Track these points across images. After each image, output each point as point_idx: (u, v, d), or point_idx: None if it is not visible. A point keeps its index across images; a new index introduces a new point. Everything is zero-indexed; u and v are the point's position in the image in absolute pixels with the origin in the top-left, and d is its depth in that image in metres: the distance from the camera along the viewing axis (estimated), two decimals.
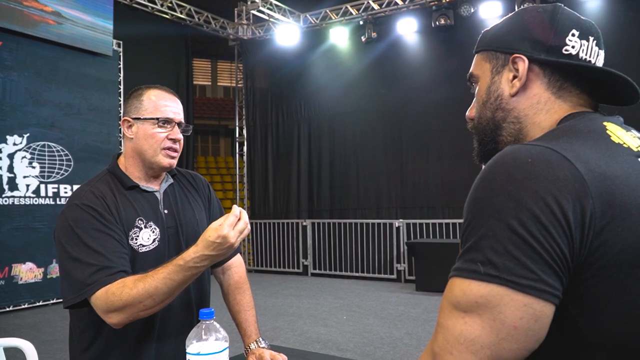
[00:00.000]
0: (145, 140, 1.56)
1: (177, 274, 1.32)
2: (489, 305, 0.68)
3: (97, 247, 1.42)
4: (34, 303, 6.98)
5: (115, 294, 1.34)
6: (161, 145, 1.55)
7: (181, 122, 1.60)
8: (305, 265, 9.79)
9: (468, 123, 0.99)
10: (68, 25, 7.46)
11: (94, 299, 1.37)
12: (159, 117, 1.55)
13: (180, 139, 1.59)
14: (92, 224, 1.45)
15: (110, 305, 1.35)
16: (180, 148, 1.61)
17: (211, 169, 16.66)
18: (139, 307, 1.34)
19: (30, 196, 7.06)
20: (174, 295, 1.37)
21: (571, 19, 0.87)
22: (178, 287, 1.34)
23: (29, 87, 7.11)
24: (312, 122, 10.29)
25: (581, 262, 0.69)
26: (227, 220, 1.29)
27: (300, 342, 5.06)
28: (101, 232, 1.44)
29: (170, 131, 1.56)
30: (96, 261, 1.39)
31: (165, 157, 1.57)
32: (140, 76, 8.54)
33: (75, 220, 1.46)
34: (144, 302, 1.33)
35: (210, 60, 19.01)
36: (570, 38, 0.85)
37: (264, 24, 10.54)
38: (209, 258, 1.31)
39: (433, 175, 8.82)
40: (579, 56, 0.85)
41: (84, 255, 1.40)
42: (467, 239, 0.72)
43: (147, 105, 1.56)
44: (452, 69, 8.44)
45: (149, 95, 1.58)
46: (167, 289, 1.33)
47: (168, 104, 1.58)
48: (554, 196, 0.67)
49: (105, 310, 1.36)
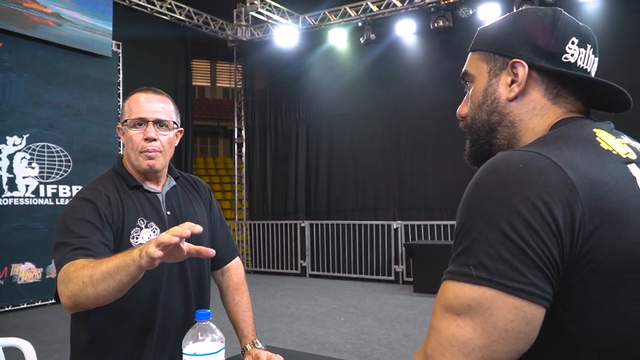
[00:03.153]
0: (127, 144, 1.59)
1: (120, 254, 1.23)
2: (481, 308, 0.69)
3: (80, 231, 1.42)
4: (32, 303, 6.99)
5: (76, 264, 1.31)
6: (138, 148, 1.56)
7: (159, 120, 1.57)
8: (303, 267, 9.80)
9: (459, 121, 1.00)
10: (67, 27, 7.47)
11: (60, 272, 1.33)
12: (127, 118, 1.56)
13: (155, 138, 1.56)
14: (84, 215, 1.46)
15: (64, 277, 1.30)
16: (161, 146, 1.57)
17: (210, 170, 16.65)
18: (78, 284, 1.25)
19: (30, 196, 7.08)
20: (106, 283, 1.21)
21: (571, 25, 0.87)
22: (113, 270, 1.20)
23: (28, 88, 7.12)
24: (311, 124, 10.30)
25: (571, 266, 0.70)
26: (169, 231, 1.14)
27: (298, 344, 5.08)
28: (89, 223, 1.45)
29: (144, 131, 1.56)
30: (75, 242, 1.39)
31: (144, 159, 1.57)
32: (140, 77, 8.55)
33: (70, 210, 1.50)
34: (84, 277, 1.24)
35: (209, 61, 19.01)
36: (570, 46, 0.86)
37: (262, 25, 10.56)
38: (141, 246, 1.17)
39: (431, 177, 8.83)
40: (577, 64, 0.86)
41: (66, 239, 1.41)
42: (459, 243, 0.74)
43: (126, 109, 1.59)
44: (451, 71, 8.38)
45: (131, 99, 1.60)
46: (105, 267, 1.22)
47: (144, 104, 1.57)
48: (544, 201, 0.69)
49: (59, 282, 1.32)
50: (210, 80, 19.84)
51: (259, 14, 9.59)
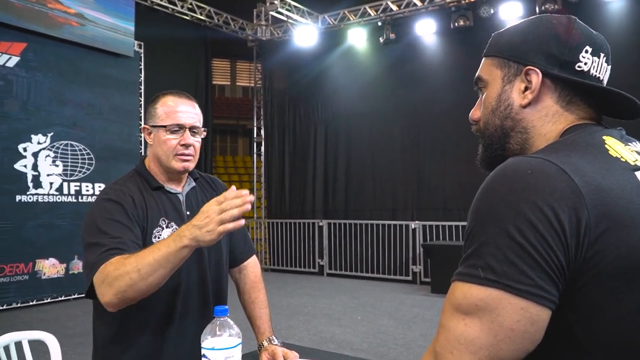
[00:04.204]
0: (160, 146, 1.63)
1: (164, 242, 1.31)
2: (488, 308, 0.72)
3: (112, 232, 1.46)
4: (56, 298, 7.15)
5: (113, 263, 1.34)
6: (173, 151, 1.62)
7: (194, 126, 1.64)
8: (321, 265, 9.83)
9: (472, 125, 1.02)
10: (90, 27, 7.61)
11: (96, 274, 1.36)
12: (167, 124, 1.61)
13: (192, 144, 1.63)
14: (113, 215, 1.50)
15: (105, 277, 1.33)
16: (195, 151, 1.66)
17: (229, 169, 16.79)
18: (125, 281, 1.29)
19: (54, 194, 7.23)
20: (157, 271, 1.29)
21: (585, 34, 0.88)
22: (162, 258, 1.28)
23: (52, 87, 7.28)
24: (329, 123, 10.32)
25: (577, 270, 0.72)
26: (225, 193, 1.27)
27: (315, 342, 5.11)
28: (120, 223, 1.50)
29: (181, 137, 1.62)
30: (109, 242, 1.43)
31: (178, 161, 1.63)
32: (161, 77, 8.69)
33: (98, 211, 1.52)
34: (130, 273, 1.29)
35: (229, 60, 19.14)
36: (584, 55, 0.87)
37: (282, 25, 10.61)
38: (191, 229, 1.26)
39: (450, 177, 8.77)
40: (590, 73, 0.88)
41: (98, 239, 1.45)
42: (468, 246, 0.76)
43: (160, 112, 1.63)
44: (471, 71, 8.15)
45: (162, 102, 1.64)
46: (152, 259, 1.28)
47: (179, 110, 1.62)
48: (551, 206, 0.71)
49: (100, 283, 1.34)
50: (230, 79, 19.98)
51: (279, 14, 9.64)
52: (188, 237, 1.26)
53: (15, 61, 6.89)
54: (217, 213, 1.24)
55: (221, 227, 1.23)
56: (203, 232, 1.24)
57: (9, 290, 6.66)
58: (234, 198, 1.25)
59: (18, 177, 6.86)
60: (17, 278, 6.76)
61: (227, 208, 1.23)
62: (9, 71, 6.82)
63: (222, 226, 1.23)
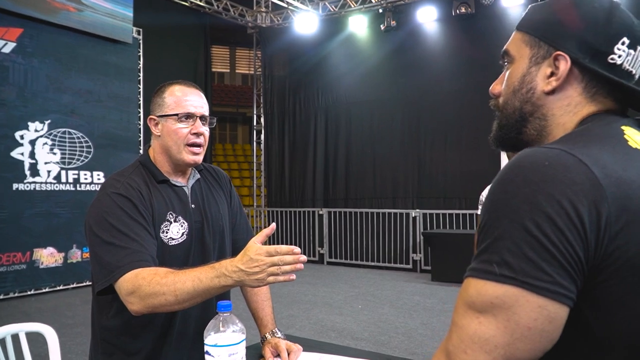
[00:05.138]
0: (170, 136, 1.59)
1: (207, 274, 1.29)
2: (504, 305, 0.69)
3: (130, 233, 1.44)
4: (54, 287, 7.13)
5: (146, 279, 1.33)
6: (184, 141, 1.58)
7: (204, 116, 1.61)
8: (321, 254, 9.83)
9: (490, 99, 0.97)
10: (88, 13, 7.52)
11: (122, 280, 1.36)
12: (179, 112, 1.57)
13: (203, 132, 1.60)
14: (126, 212, 1.47)
15: (137, 289, 1.34)
16: (205, 141, 1.62)
17: (229, 157, 16.75)
18: (160, 300, 1.31)
19: (52, 182, 7.18)
20: (194, 299, 1.32)
21: (626, 23, 0.83)
22: (203, 291, 1.30)
23: (50, 74, 7.20)
24: (330, 111, 10.27)
25: (596, 266, 0.69)
26: (277, 246, 1.25)
27: (316, 331, 5.10)
28: (134, 221, 1.47)
29: (192, 125, 1.58)
30: (129, 245, 1.41)
31: (189, 154, 1.59)
32: (160, 64, 8.62)
33: (109, 207, 1.48)
34: (166, 295, 1.30)
35: (228, 47, 19.03)
36: (619, 46, 0.82)
37: (282, 11, 10.51)
38: (239, 272, 1.25)
39: (450, 166, 8.77)
40: (622, 66, 0.83)
41: (116, 240, 1.42)
42: (482, 240, 0.73)
43: (169, 101, 1.59)
44: (472, 58, 8.36)
45: (170, 91, 1.61)
46: (192, 288, 1.29)
47: (189, 99, 1.59)
48: (569, 199, 0.68)
49: (129, 293, 1.35)
50: (229, 66, 19.88)
51: (279, 0, 9.55)
52: (234, 279, 1.25)
53: (11, 47, 6.80)
54: (268, 265, 1.22)
55: (271, 277, 1.23)
56: (252, 279, 1.24)
57: (6, 280, 6.63)
58: (286, 254, 1.23)
59: (15, 165, 6.80)
60: (15, 267, 6.73)
61: (280, 263, 1.23)
62: (5, 57, 6.73)
63: (273, 277, 1.23)
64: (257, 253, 1.23)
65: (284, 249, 1.23)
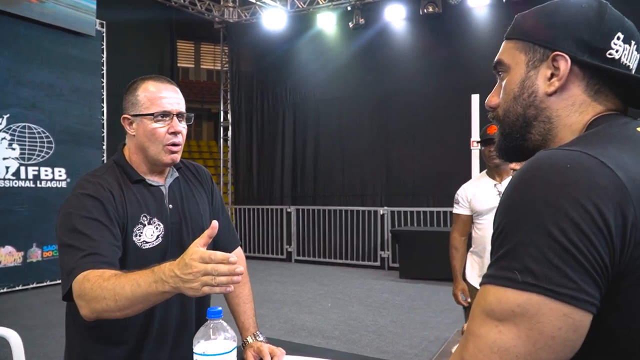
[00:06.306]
0: (147, 137, 1.51)
1: (146, 278, 1.18)
2: (527, 314, 0.66)
3: (92, 234, 1.36)
4: (13, 287, 6.86)
5: (91, 281, 1.25)
6: (163, 141, 1.50)
7: (180, 112, 1.53)
8: (289, 252, 9.78)
9: (488, 112, 0.96)
10: (50, 4, 7.26)
11: (74, 283, 1.29)
12: (154, 111, 1.49)
13: (181, 131, 1.53)
14: (90, 213, 1.40)
15: (82, 292, 1.26)
16: (183, 139, 1.55)
17: (194, 153, 16.50)
18: (102, 305, 1.22)
19: (10, 178, 6.91)
20: (135, 306, 1.21)
21: (618, 20, 0.84)
22: (142, 296, 1.18)
23: (9, 67, 6.92)
24: (298, 108, 10.23)
25: (621, 271, 0.67)
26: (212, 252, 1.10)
27: (286, 330, 5.06)
28: (98, 222, 1.39)
29: (169, 124, 1.50)
30: (86, 246, 1.34)
31: (168, 153, 1.52)
32: (124, 57, 8.40)
33: (75, 208, 1.41)
34: (107, 300, 1.21)
35: (193, 42, 18.74)
36: (615, 42, 0.82)
37: (250, 7, 10.40)
38: (175, 278, 1.12)
39: (419, 164, 8.84)
40: (621, 61, 0.83)
41: (76, 242, 1.35)
42: (500, 246, 0.70)
43: (142, 99, 1.51)
44: (440, 58, 8.44)
45: (143, 88, 1.52)
46: (130, 293, 1.19)
47: (164, 96, 1.51)
48: (594, 203, 0.66)
49: (77, 296, 1.28)
50: (194, 61, 19.58)
51: None
52: (171, 285, 1.13)
53: None
54: (202, 273, 1.08)
55: (206, 288, 1.09)
56: (186, 287, 1.11)
57: None
58: (221, 262, 1.08)
59: None
60: None
61: (213, 273, 1.08)
62: None
63: (208, 288, 1.09)
64: (192, 258, 1.09)
65: (218, 256, 1.08)
